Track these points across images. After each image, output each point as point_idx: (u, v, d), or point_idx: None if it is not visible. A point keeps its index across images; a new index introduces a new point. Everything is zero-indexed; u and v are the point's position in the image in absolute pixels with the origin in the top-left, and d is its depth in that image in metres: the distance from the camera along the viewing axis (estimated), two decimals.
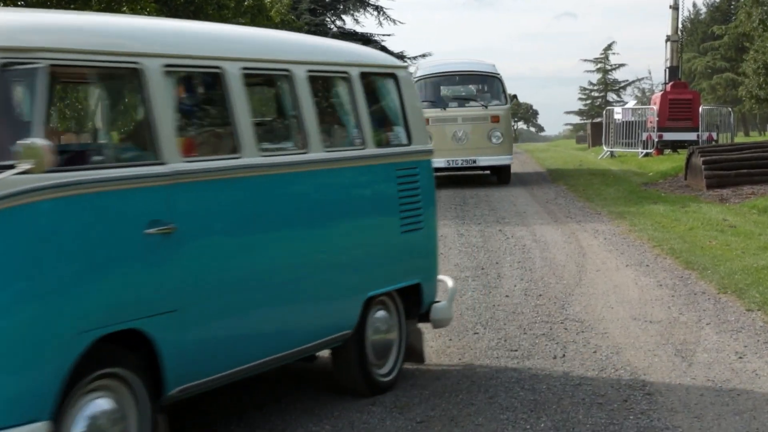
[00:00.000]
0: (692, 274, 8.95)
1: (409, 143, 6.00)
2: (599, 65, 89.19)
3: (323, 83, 5.80)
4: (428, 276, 6.05)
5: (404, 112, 6.01)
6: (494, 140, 17.23)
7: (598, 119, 50.19)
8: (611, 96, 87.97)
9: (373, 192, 5.78)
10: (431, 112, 16.69)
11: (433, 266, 6.15)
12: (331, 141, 5.59)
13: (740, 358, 6.21)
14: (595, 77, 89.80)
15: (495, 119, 17.29)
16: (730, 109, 32.26)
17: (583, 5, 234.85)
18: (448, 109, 17.50)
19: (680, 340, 6.68)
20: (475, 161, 17.34)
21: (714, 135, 29.16)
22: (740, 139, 45.87)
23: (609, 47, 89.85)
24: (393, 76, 6.03)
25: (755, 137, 67.42)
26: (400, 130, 6.04)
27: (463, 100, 18.21)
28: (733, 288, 8.22)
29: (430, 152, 6.22)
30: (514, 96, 17.86)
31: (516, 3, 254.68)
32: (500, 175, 18.27)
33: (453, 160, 17.02)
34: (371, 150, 5.67)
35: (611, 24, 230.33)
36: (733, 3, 75.53)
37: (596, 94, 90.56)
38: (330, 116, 5.81)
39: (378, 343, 5.64)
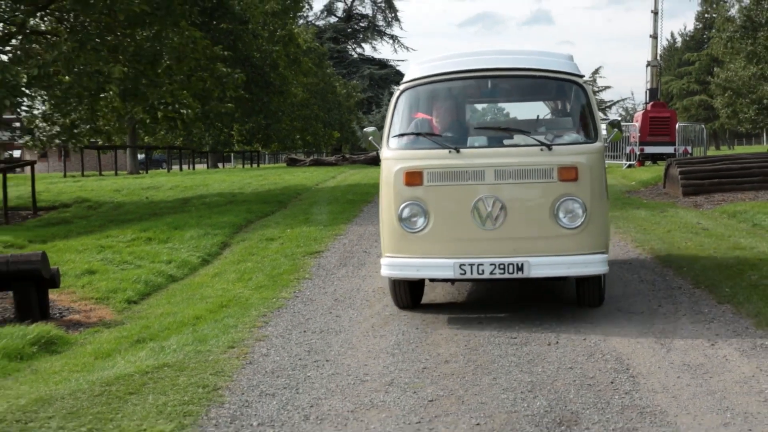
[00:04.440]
0: (670, 271, 8.92)
1: None
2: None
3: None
4: None
5: None
6: (566, 220, 6.74)
7: None
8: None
9: None
10: (429, 158, 6.86)
11: None
12: None
13: (712, 345, 6.19)
14: None
15: (568, 174, 6.71)
16: (703, 126, 32.27)
17: (580, 34, 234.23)
18: (463, 151, 6.85)
19: (660, 330, 6.66)
20: (521, 266, 6.69)
21: (689, 149, 29.20)
22: (712, 152, 45.66)
23: (596, 71, 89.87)
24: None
25: (725, 151, 67.26)
26: None
27: (498, 133, 7.24)
28: (707, 283, 8.19)
29: None
30: (617, 122, 7.63)
31: (521, 32, 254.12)
32: (584, 291, 7.35)
33: (474, 265, 6.72)
34: None
35: (600, 50, 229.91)
36: (705, 33, 75.30)
37: None
38: None
39: None
